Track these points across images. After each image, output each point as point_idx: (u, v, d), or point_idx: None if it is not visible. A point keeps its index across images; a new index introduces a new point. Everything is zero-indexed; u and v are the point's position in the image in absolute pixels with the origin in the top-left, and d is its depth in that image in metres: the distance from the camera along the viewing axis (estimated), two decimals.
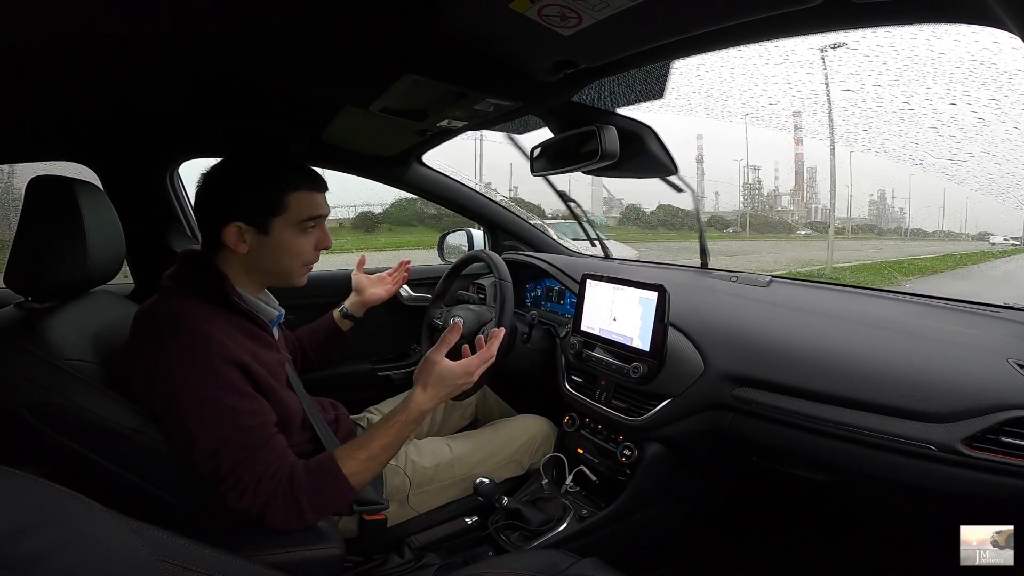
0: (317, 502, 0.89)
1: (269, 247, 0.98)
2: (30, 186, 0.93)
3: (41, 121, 1.19)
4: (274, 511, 0.86)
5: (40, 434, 0.86)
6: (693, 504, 1.36)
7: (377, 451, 0.94)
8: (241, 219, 0.95)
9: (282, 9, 0.72)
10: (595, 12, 0.68)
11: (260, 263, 0.99)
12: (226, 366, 0.89)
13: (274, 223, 0.96)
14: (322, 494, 0.89)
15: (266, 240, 0.97)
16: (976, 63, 1.33)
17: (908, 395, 0.88)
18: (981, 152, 2.41)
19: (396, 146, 1.54)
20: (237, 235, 0.95)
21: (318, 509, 0.89)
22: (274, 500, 0.86)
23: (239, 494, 0.85)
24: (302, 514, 0.87)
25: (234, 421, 0.87)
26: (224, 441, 0.86)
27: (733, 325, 1.18)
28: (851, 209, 28.31)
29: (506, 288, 1.33)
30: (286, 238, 0.98)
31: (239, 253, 0.96)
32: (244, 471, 0.86)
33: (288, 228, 0.98)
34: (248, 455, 0.87)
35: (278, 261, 1.00)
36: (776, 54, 1.84)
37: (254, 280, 1.02)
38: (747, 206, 32.71)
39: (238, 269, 0.99)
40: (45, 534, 0.39)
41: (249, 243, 0.96)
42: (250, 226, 0.96)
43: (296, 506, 0.87)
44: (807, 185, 30.77)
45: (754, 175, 33.38)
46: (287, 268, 1.01)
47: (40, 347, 0.87)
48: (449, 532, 1.20)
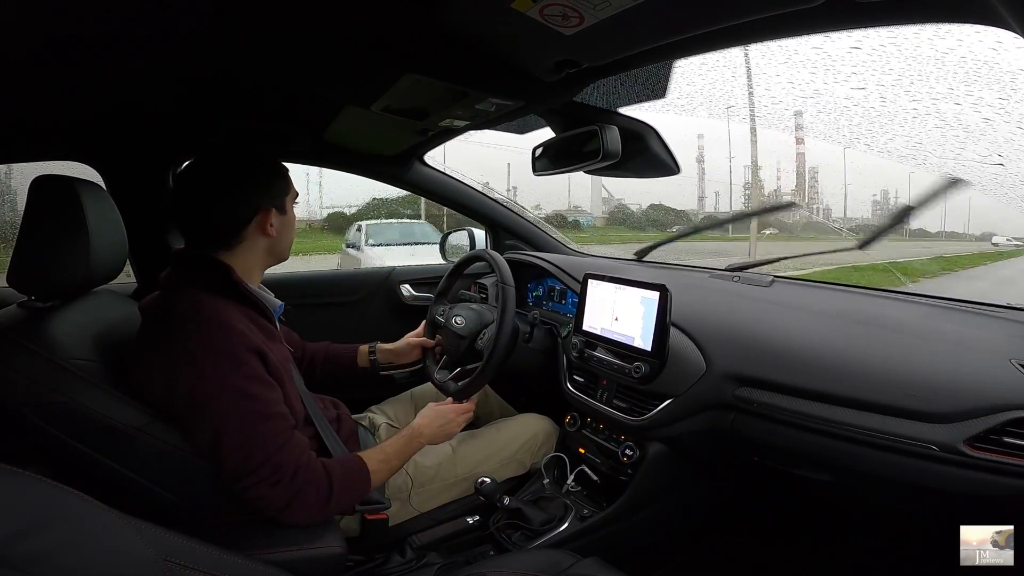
0: (344, 496, 0.94)
1: (287, 225, 1.07)
2: (33, 185, 0.94)
3: (45, 121, 1.19)
4: (304, 501, 0.89)
5: (43, 433, 0.86)
6: (695, 504, 1.36)
7: (391, 453, 1.06)
8: (272, 205, 1.02)
9: (284, 10, 0.73)
10: (597, 12, 0.68)
11: (280, 243, 1.06)
12: (249, 355, 0.91)
13: (287, 202, 1.06)
14: (350, 488, 0.96)
15: (286, 219, 1.06)
16: (980, 63, 1.33)
17: (911, 395, 0.88)
18: (997, 154, 2.39)
19: (398, 145, 1.55)
20: (270, 220, 1.02)
21: (342, 503, 0.95)
22: (307, 489, 0.89)
23: (273, 483, 0.87)
24: (326, 506, 0.92)
25: (262, 411, 0.89)
26: (254, 432, 0.87)
27: (735, 325, 1.18)
28: (846, 208, 27.94)
29: (508, 292, 1.32)
30: (293, 213, 1.08)
31: (269, 237, 1.03)
32: (282, 460, 0.88)
33: (291, 204, 1.08)
34: (282, 444, 0.89)
35: (290, 235, 1.09)
36: (780, 54, 1.85)
37: (262, 267, 1.08)
38: (747, 206, 32.53)
39: (255, 258, 1.04)
40: (49, 533, 0.40)
41: (275, 226, 1.03)
42: (276, 210, 1.03)
43: (328, 498, 0.91)
44: (808, 185, 30.59)
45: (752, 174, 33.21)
46: (292, 240, 1.10)
47: (43, 346, 0.88)
48: (450, 531, 1.20)
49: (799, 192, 28.96)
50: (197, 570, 0.49)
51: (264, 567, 0.61)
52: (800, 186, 29.70)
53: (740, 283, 1.38)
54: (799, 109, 15.70)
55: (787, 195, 31.57)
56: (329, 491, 0.92)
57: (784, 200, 24.70)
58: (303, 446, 0.93)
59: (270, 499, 0.87)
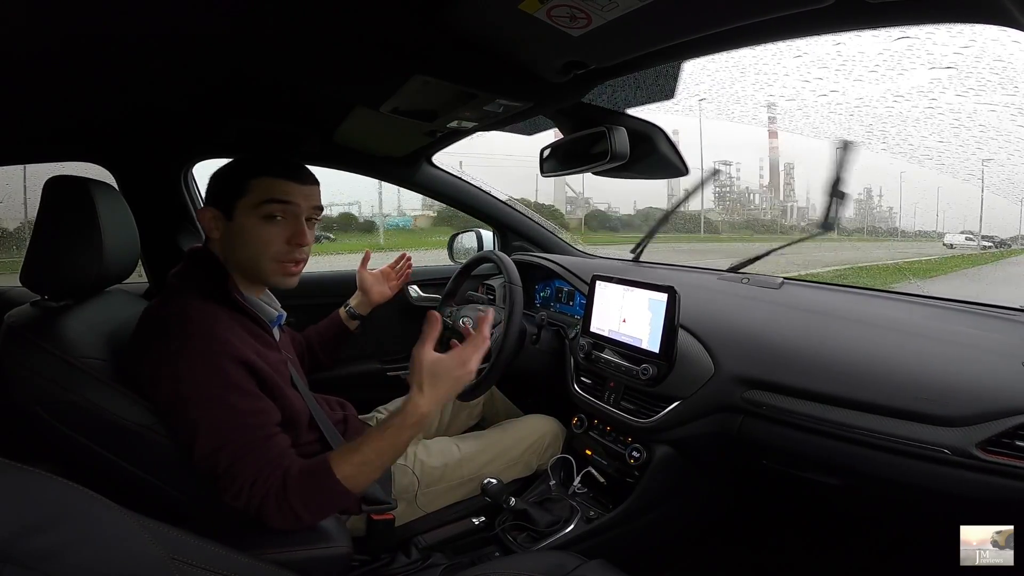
0: (310, 504, 0.86)
1: (234, 233, 0.98)
2: (47, 186, 0.95)
3: (58, 123, 1.21)
4: (269, 512, 0.84)
5: (55, 431, 0.87)
6: (701, 507, 1.35)
7: (370, 455, 0.89)
8: (212, 203, 0.99)
9: (293, 10, 0.73)
10: (605, 13, 0.68)
11: (231, 252, 1.00)
12: (232, 365, 0.89)
13: (237, 207, 0.97)
14: (315, 496, 0.86)
15: (231, 226, 0.98)
16: (1000, 62, 1.32)
17: (922, 398, 0.87)
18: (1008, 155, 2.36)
19: (406, 147, 1.55)
20: (210, 220, 0.99)
21: (313, 511, 0.87)
22: (267, 501, 0.84)
23: (235, 494, 0.84)
24: (297, 516, 0.85)
25: (235, 420, 0.87)
26: (222, 441, 0.85)
27: (744, 327, 1.17)
28: (813, 207, 27.00)
29: (516, 292, 1.32)
30: (249, 224, 0.97)
31: (213, 240, 1.00)
32: (239, 471, 0.84)
33: (250, 213, 0.97)
34: (243, 455, 0.85)
35: (244, 250, 0.98)
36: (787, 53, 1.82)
37: (241, 275, 1.02)
38: (718, 204, 32.01)
39: (231, 266, 1.01)
40: (58, 530, 0.40)
41: (220, 230, 0.99)
42: (218, 210, 0.99)
43: (289, 508, 0.84)
44: (784, 181, 29.96)
45: (725, 170, 32.67)
46: (255, 260, 0.99)
47: (56, 345, 0.89)
48: (456, 532, 1.20)
49: (773, 188, 28.39)
50: (204, 568, 0.50)
51: (270, 566, 0.62)
52: (774, 181, 29.16)
53: (749, 285, 1.37)
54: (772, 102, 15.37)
55: (757, 192, 31.04)
56: (287, 503, 0.84)
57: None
58: (271, 456, 0.87)
59: (240, 508, 0.85)
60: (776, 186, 30.12)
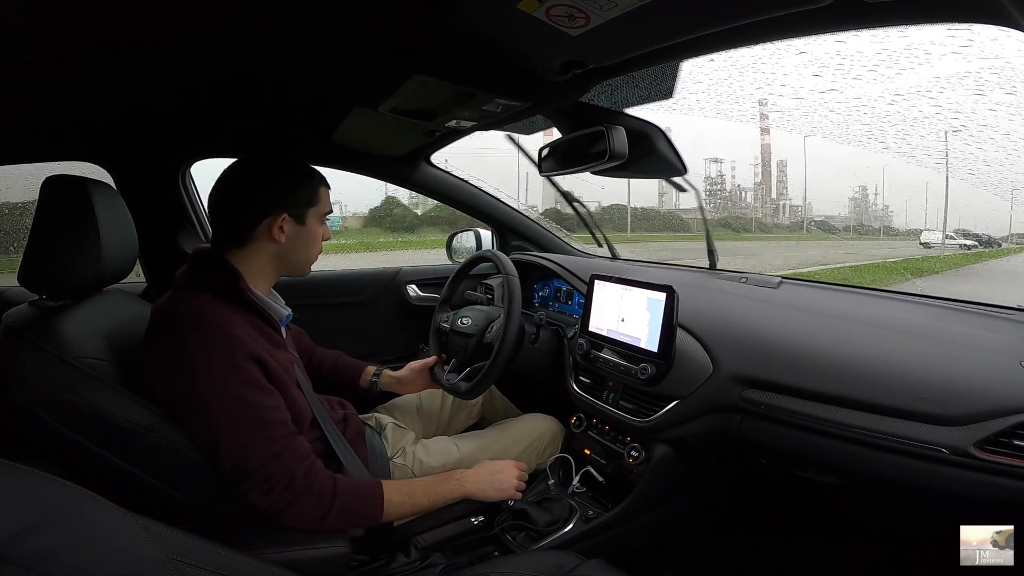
0: (350, 515, 0.95)
1: (302, 237, 1.06)
2: (45, 185, 0.95)
3: (57, 122, 1.20)
4: (298, 510, 0.89)
5: (53, 431, 0.87)
6: (701, 506, 1.35)
7: (418, 490, 1.06)
8: (286, 210, 1.02)
9: (292, 11, 0.73)
10: (603, 12, 0.68)
11: (291, 253, 1.05)
12: (247, 362, 0.91)
13: (308, 214, 1.05)
14: (357, 509, 0.97)
15: (301, 231, 1.05)
16: (1000, 61, 1.32)
17: (921, 398, 0.87)
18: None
19: (405, 146, 1.55)
20: (281, 224, 1.01)
21: (345, 521, 0.95)
22: (303, 499, 0.89)
23: (265, 491, 0.87)
24: (322, 520, 0.91)
25: (258, 417, 0.89)
26: (249, 439, 0.88)
27: (743, 326, 1.17)
28: (804, 206, 26.85)
29: (513, 283, 1.32)
30: (315, 229, 1.07)
31: (277, 243, 1.02)
32: (274, 470, 0.88)
33: (316, 219, 1.07)
34: (277, 454, 0.89)
35: (306, 250, 1.08)
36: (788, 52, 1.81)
37: (271, 274, 1.06)
38: (708, 202, 31.80)
39: (263, 263, 1.03)
40: (57, 531, 0.40)
41: (287, 233, 1.02)
42: (291, 217, 1.02)
43: (327, 511, 0.91)
44: (776, 180, 29.86)
45: (716, 168, 32.42)
46: (309, 257, 1.10)
47: (54, 345, 0.89)
48: (455, 532, 1.20)
49: (765, 185, 28.29)
50: (203, 569, 0.50)
51: (269, 566, 0.62)
52: (766, 179, 29.08)
53: (747, 284, 1.37)
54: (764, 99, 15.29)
55: (749, 189, 30.93)
56: (328, 507, 0.92)
57: None
58: (302, 454, 0.94)
59: (264, 505, 0.89)
60: (768, 184, 30.07)
